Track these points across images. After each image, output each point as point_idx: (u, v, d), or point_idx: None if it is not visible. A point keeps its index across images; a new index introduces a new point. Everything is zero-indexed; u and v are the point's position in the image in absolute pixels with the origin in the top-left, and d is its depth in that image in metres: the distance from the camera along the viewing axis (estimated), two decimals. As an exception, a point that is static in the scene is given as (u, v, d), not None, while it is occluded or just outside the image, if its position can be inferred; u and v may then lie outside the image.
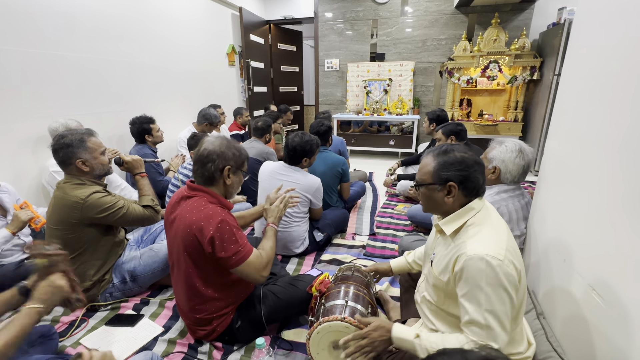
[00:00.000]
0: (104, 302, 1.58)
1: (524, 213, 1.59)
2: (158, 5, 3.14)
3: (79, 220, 1.42)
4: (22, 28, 2.01)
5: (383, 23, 4.86)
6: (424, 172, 0.99)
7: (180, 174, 2.22)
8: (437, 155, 0.97)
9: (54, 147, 1.42)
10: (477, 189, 0.94)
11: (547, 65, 3.71)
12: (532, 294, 1.42)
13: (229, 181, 1.22)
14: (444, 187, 0.94)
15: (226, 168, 1.20)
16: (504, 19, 4.31)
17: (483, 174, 0.95)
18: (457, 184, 0.92)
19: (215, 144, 1.20)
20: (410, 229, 2.44)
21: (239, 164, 1.25)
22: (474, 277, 0.83)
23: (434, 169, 0.95)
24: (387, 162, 4.66)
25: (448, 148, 0.96)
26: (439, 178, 0.94)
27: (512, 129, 4.11)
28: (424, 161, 1.00)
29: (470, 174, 0.92)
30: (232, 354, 1.28)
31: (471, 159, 0.94)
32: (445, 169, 0.93)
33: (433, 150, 1.00)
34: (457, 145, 0.97)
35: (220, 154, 1.19)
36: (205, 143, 1.21)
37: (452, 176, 0.92)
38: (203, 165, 1.19)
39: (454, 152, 0.95)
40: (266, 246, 1.28)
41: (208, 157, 1.18)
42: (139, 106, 2.88)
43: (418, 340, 0.91)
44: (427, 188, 0.98)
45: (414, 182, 1.04)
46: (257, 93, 4.90)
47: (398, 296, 1.58)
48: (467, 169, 0.92)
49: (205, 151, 1.19)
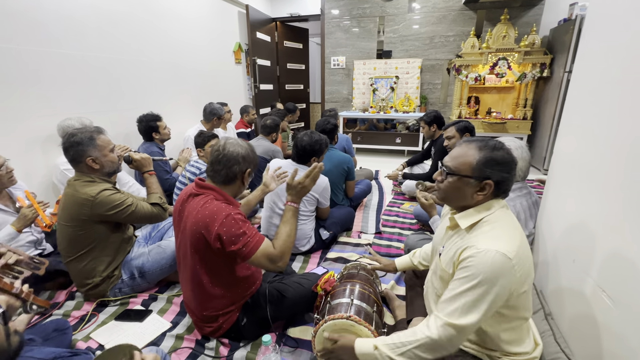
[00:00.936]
0: (113, 297, 1.61)
1: (532, 212, 1.57)
2: (165, 4, 3.16)
3: (89, 217, 1.44)
4: (29, 27, 2.04)
5: (390, 20, 4.82)
6: (462, 162, 0.91)
7: (187, 172, 2.24)
8: (482, 148, 0.89)
9: (64, 146, 1.44)
10: (507, 191, 0.92)
11: (557, 62, 3.65)
12: (540, 294, 1.41)
13: (245, 182, 1.26)
14: (480, 183, 0.89)
15: (247, 171, 1.24)
16: (514, 15, 4.24)
17: (515, 178, 0.93)
18: (494, 184, 0.88)
19: (243, 147, 1.23)
20: (417, 228, 2.43)
21: (256, 167, 1.29)
22: (476, 267, 0.82)
23: (477, 162, 0.88)
24: (394, 160, 4.64)
25: (498, 144, 0.90)
26: (479, 173, 0.88)
27: (520, 127, 4.06)
28: (462, 150, 0.92)
29: (509, 177, 0.89)
30: (239, 351, 1.29)
31: (514, 162, 0.90)
32: (490, 166, 0.87)
33: (476, 140, 0.92)
34: (502, 143, 0.91)
35: (247, 156, 1.23)
36: (230, 145, 1.22)
37: (493, 175, 0.87)
38: (229, 167, 1.20)
39: (502, 151, 0.89)
40: (282, 233, 1.21)
41: (235, 159, 1.20)
42: (146, 104, 2.91)
43: (377, 351, 0.90)
44: (460, 179, 0.91)
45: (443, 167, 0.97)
46: (263, 91, 4.91)
47: (404, 295, 1.58)
48: (509, 172, 0.89)
49: (233, 153, 1.20)
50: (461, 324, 0.83)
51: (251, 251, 1.12)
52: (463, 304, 0.83)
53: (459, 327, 0.83)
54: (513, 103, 4.33)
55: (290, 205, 1.27)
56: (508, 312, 0.89)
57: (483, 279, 0.81)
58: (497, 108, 4.40)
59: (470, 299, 0.82)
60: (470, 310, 0.82)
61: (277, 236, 1.21)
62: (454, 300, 0.85)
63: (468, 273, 0.83)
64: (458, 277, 0.86)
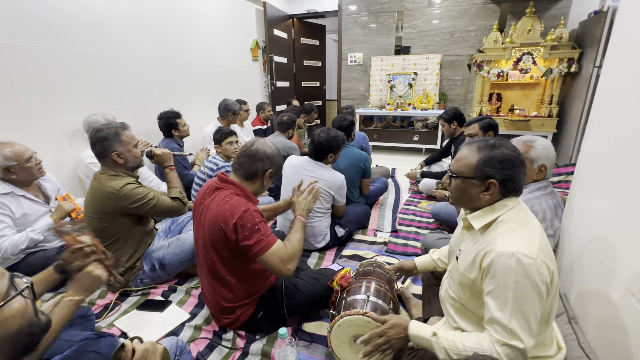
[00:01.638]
0: (135, 287, 1.67)
1: (556, 212, 1.51)
2: (184, 2, 3.22)
3: (114, 210, 1.50)
4: (56, 27, 2.13)
5: (409, 15, 4.73)
6: (463, 164, 0.92)
7: (205, 167, 2.29)
8: (482, 148, 0.90)
9: (92, 140, 1.50)
10: (517, 189, 0.90)
11: (586, 56, 3.48)
12: (563, 297, 1.36)
13: (265, 182, 1.30)
14: (484, 183, 0.89)
15: (269, 171, 1.28)
16: (540, 8, 4.08)
17: (525, 174, 0.90)
18: (498, 182, 0.88)
19: (269, 147, 1.29)
20: (434, 227, 2.39)
21: (278, 171, 1.34)
22: (503, 274, 0.79)
23: (477, 163, 0.89)
24: (411, 158, 4.58)
25: (496, 143, 0.90)
26: (480, 173, 0.89)
27: (545, 124, 3.91)
28: (464, 152, 0.94)
29: (514, 174, 0.87)
30: (255, 343, 1.32)
31: (519, 158, 0.88)
32: (490, 165, 0.87)
33: (477, 142, 0.93)
34: (505, 141, 0.91)
35: (271, 156, 1.28)
36: (260, 143, 1.29)
37: (495, 173, 0.87)
38: (253, 162, 1.25)
39: (502, 149, 0.88)
40: (292, 239, 1.27)
41: (261, 156, 1.26)
42: (165, 101, 2.99)
43: (435, 338, 0.89)
44: (463, 181, 0.92)
45: (448, 171, 0.98)
46: (280, 88, 4.93)
47: (420, 294, 1.56)
48: (512, 169, 0.87)
49: (260, 150, 1.26)
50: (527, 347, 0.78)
51: (263, 249, 1.15)
52: (516, 322, 0.78)
53: (523, 350, 0.78)
54: (538, 100, 4.17)
55: (299, 218, 1.36)
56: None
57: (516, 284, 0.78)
58: (521, 105, 4.25)
59: (518, 313, 0.78)
60: (525, 324, 0.78)
61: (288, 240, 1.27)
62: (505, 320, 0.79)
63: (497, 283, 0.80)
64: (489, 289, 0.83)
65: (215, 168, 2.26)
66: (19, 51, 1.93)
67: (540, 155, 1.42)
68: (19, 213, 1.61)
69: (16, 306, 0.51)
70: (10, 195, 1.60)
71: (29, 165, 1.63)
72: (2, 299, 0.49)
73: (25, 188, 1.68)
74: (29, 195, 1.67)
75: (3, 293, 0.50)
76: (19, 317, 0.51)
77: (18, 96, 1.95)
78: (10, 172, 1.59)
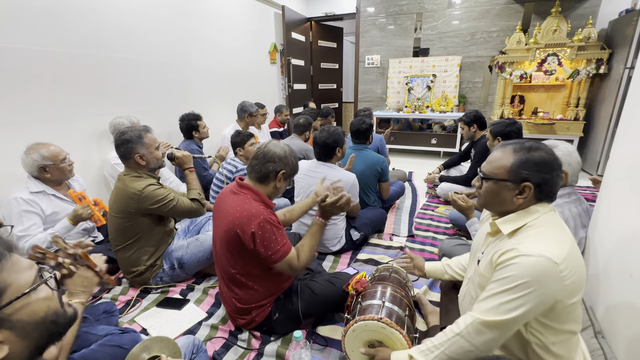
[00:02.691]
0: (155, 285, 1.72)
1: (582, 220, 1.45)
2: (205, 7, 3.30)
3: (136, 210, 1.56)
4: (87, 32, 2.24)
5: (428, 16, 4.67)
6: (497, 166, 0.89)
7: (224, 170, 2.33)
8: (518, 150, 0.87)
9: (116, 143, 1.56)
10: (552, 194, 0.87)
11: (616, 57, 3.33)
12: (589, 310, 1.30)
13: (279, 184, 1.30)
14: (518, 186, 0.86)
15: (281, 172, 1.27)
16: (566, 8, 3.93)
17: (562, 179, 0.88)
18: (534, 186, 0.85)
19: (282, 149, 1.29)
20: (452, 233, 2.34)
21: (292, 172, 1.33)
22: (518, 269, 0.78)
23: (513, 165, 0.86)
24: (429, 161, 4.50)
25: (534, 145, 0.87)
26: (516, 175, 0.86)
27: (571, 128, 3.75)
28: (498, 154, 0.91)
29: (551, 178, 0.85)
30: (270, 344, 1.33)
31: (556, 162, 0.86)
32: (527, 167, 0.84)
33: (512, 143, 0.90)
34: (541, 144, 0.88)
35: (283, 158, 1.27)
36: (272, 145, 1.30)
37: (531, 177, 0.84)
38: (264, 163, 1.26)
39: (540, 151, 0.85)
40: (306, 246, 1.28)
41: (272, 157, 1.26)
42: (186, 104, 3.07)
43: None
44: (496, 183, 0.89)
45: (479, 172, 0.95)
46: (297, 90, 4.97)
47: (437, 301, 1.53)
48: (550, 172, 0.84)
49: (270, 152, 1.27)
50: (494, 319, 0.79)
51: (278, 259, 1.19)
52: (499, 303, 0.79)
53: (491, 323, 0.80)
54: (563, 102, 4.01)
55: (318, 220, 1.31)
56: (554, 324, 0.83)
57: (525, 282, 0.76)
58: (545, 108, 4.11)
59: (508, 299, 0.79)
60: (507, 310, 0.79)
61: (302, 248, 1.27)
62: (490, 300, 0.82)
63: (508, 274, 0.79)
64: (497, 278, 0.82)
65: (235, 170, 2.30)
66: (51, 57, 2.03)
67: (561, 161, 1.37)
68: (49, 210, 1.69)
69: (42, 295, 0.55)
70: (42, 193, 1.69)
71: (62, 166, 1.71)
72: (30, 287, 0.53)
73: (56, 187, 1.76)
74: (59, 194, 1.75)
75: (30, 282, 0.54)
76: (44, 305, 0.55)
77: (50, 100, 2.06)
78: (45, 171, 1.68)
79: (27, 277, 0.54)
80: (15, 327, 0.51)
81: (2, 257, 0.52)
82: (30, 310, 0.53)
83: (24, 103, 1.92)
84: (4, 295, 0.50)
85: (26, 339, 0.52)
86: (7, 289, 0.50)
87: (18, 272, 0.53)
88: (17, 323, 0.51)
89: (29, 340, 0.53)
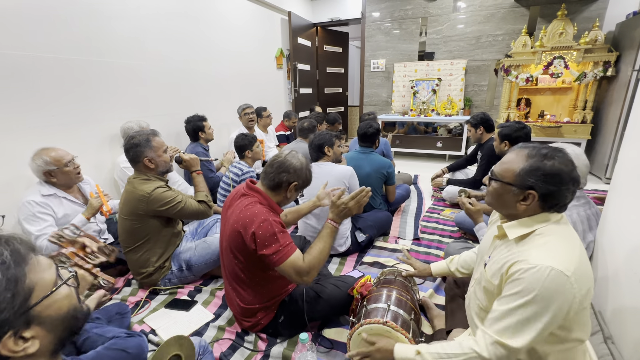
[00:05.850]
0: (164, 286, 1.75)
1: (590, 224, 1.44)
2: (212, 13, 3.36)
3: (145, 212, 1.59)
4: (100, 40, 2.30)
5: (433, 20, 4.68)
6: (506, 168, 0.88)
7: (231, 173, 2.36)
8: (532, 155, 0.84)
9: (125, 147, 1.60)
10: (560, 206, 0.85)
11: (624, 59, 3.30)
12: (597, 314, 1.29)
13: (289, 194, 1.30)
14: (522, 192, 0.84)
15: (294, 184, 1.28)
16: (572, 10, 3.91)
17: (574, 193, 0.84)
18: (538, 196, 0.83)
19: (300, 162, 1.29)
20: (458, 236, 2.33)
21: (304, 184, 1.33)
22: (530, 282, 0.76)
23: (521, 170, 0.84)
24: (434, 164, 4.49)
25: (550, 153, 0.83)
26: (522, 182, 0.84)
27: (578, 131, 3.72)
28: (512, 156, 0.89)
29: (559, 191, 0.81)
30: (276, 346, 1.34)
31: (570, 175, 0.81)
32: (535, 176, 0.82)
33: (530, 147, 0.87)
34: (560, 152, 0.84)
35: (298, 169, 1.28)
36: (290, 155, 1.30)
37: (537, 185, 0.82)
38: (278, 173, 1.26)
39: (554, 161, 0.82)
40: (314, 249, 1.21)
41: (287, 168, 1.27)
42: (194, 108, 3.10)
43: (419, 357, 0.89)
44: (501, 186, 0.89)
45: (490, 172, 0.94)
46: (303, 95, 5.01)
47: (442, 304, 1.53)
48: (558, 185, 0.81)
49: (287, 162, 1.27)
50: (513, 345, 0.77)
51: (280, 260, 1.15)
52: (515, 322, 0.78)
53: (510, 348, 0.78)
54: (570, 105, 3.98)
55: (329, 223, 1.26)
56: (561, 332, 0.82)
57: (537, 296, 0.75)
58: (551, 111, 4.08)
59: (522, 317, 0.77)
60: (523, 329, 0.77)
61: (309, 251, 1.22)
62: (504, 317, 0.80)
63: (519, 288, 0.78)
64: (508, 292, 0.80)
65: (240, 173, 2.33)
66: (65, 65, 2.09)
67: None
68: (60, 213, 1.72)
69: (65, 291, 0.59)
70: (53, 196, 1.72)
71: (67, 170, 1.73)
72: (54, 285, 0.57)
73: (67, 190, 1.80)
74: (70, 197, 1.79)
75: (53, 280, 0.58)
76: (67, 301, 0.59)
77: (64, 105, 2.11)
78: (52, 176, 1.71)
79: (50, 275, 0.58)
80: (44, 323, 0.55)
81: (29, 258, 0.55)
82: (57, 307, 0.57)
83: (38, 108, 1.98)
84: (33, 293, 0.53)
85: (52, 333, 0.56)
86: (35, 288, 0.54)
87: (42, 272, 0.56)
88: (47, 319, 0.55)
89: (54, 334, 0.57)
